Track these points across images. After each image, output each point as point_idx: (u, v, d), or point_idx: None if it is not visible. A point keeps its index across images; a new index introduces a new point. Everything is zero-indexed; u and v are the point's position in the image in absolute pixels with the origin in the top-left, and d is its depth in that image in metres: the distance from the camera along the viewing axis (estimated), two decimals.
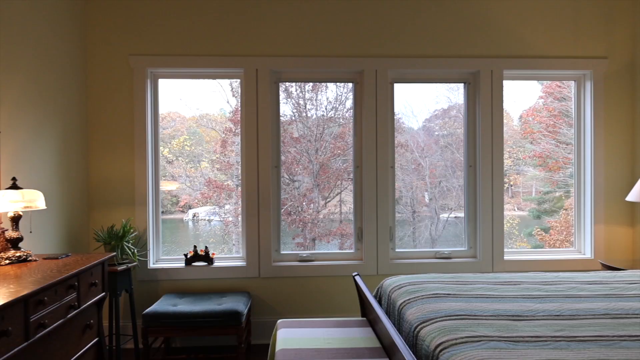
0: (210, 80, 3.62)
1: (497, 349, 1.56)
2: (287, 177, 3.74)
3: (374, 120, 3.51)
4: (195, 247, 3.45)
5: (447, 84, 3.73)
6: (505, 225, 3.66)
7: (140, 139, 3.38)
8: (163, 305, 3.00)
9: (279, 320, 2.56)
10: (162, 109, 3.59)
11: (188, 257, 3.42)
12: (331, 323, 2.54)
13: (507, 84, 3.71)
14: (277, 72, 3.52)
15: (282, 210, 3.66)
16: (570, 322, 1.82)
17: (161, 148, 3.59)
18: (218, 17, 3.40)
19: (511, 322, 1.83)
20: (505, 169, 3.66)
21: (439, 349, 1.66)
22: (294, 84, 3.69)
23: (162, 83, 3.53)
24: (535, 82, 3.91)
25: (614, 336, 1.65)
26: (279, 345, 2.22)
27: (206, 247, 3.45)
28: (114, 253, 2.68)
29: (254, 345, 3.43)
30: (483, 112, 3.57)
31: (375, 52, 3.50)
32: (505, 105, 3.64)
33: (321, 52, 3.47)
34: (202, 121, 3.81)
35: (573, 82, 3.77)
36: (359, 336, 2.35)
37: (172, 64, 3.39)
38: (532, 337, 1.67)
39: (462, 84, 3.70)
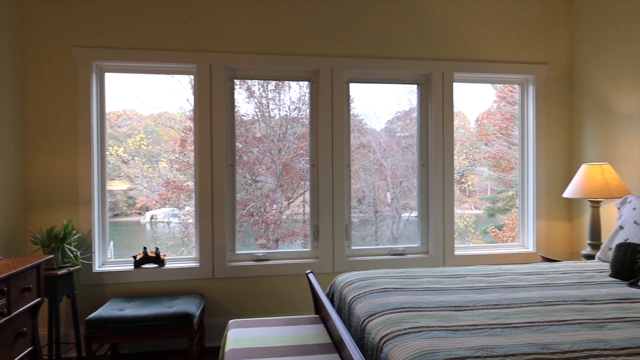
0: (169, 78, 3.54)
1: (437, 338, 1.61)
2: (250, 177, 3.71)
3: (329, 119, 3.55)
4: (145, 248, 3.36)
5: (406, 85, 3.81)
6: (462, 224, 3.79)
7: (84, 136, 3.23)
8: (109, 310, 2.90)
9: (230, 321, 2.53)
10: (117, 107, 3.47)
11: (137, 259, 3.32)
12: (284, 321, 2.54)
13: (464, 88, 3.86)
14: (232, 69, 3.49)
15: (244, 211, 3.63)
16: (507, 310, 1.91)
17: (116, 147, 3.47)
18: (170, 10, 3.33)
19: (453, 312, 1.90)
20: (462, 169, 3.79)
21: (383, 341, 1.70)
22: (256, 83, 3.66)
23: (116, 79, 3.40)
24: (490, 86, 4.08)
25: (544, 322, 1.75)
26: (229, 346, 2.21)
27: (157, 249, 3.37)
28: (51, 256, 2.56)
29: (208, 347, 3.38)
30: (435, 113, 3.69)
31: (332, 51, 3.54)
32: (462, 108, 3.77)
33: (277, 50, 3.47)
34: (161, 120, 3.72)
35: (518, 85, 3.96)
36: (310, 333, 2.36)
37: (119, 57, 3.27)
38: (470, 325, 1.74)
39: (416, 85, 3.80)
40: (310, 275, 2.68)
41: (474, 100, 4.05)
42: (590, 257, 3.16)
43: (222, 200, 3.41)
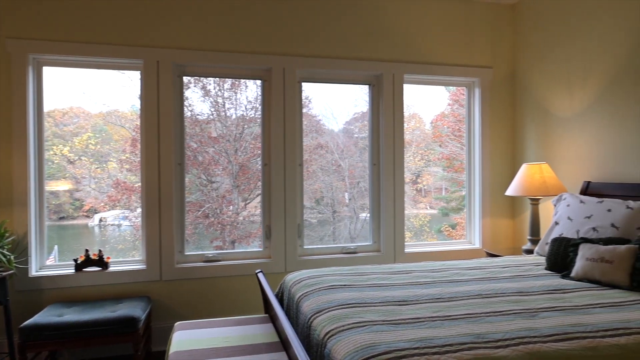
0: (120, 74, 3.40)
1: (379, 331, 1.64)
2: (205, 178, 3.63)
3: (282, 117, 3.53)
4: (87, 251, 3.21)
5: (362, 85, 3.85)
6: (417, 223, 3.88)
7: (19, 133, 3.04)
8: (46, 316, 2.75)
9: (176, 323, 2.47)
10: (63, 104, 3.29)
11: (78, 262, 3.17)
12: (232, 322, 2.51)
13: (420, 90, 3.95)
14: (180, 66, 3.40)
15: (199, 212, 3.55)
16: (448, 303, 1.97)
17: (61, 146, 3.30)
18: (115, 2, 3.21)
19: (397, 307, 1.94)
20: (418, 170, 3.87)
21: (327, 337, 1.70)
22: (211, 82, 3.59)
23: (60, 74, 3.23)
24: (444, 89, 4.19)
25: (481, 313, 1.81)
26: (173, 348, 2.15)
27: (100, 251, 3.23)
28: None
29: (156, 352, 3.27)
30: (386, 113, 3.75)
31: (284, 50, 3.53)
32: (418, 110, 3.86)
33: (228, 47, 3.42)
34: (110, 118, 3.56)
35: (465, 88, 4.10)
36: (259, 332, 2.34)
37: (59, 50, 3.10)
38: (412, 319, 1.77)
39: (368, 86, 3.85)
40: (260, 275, 2.66)
41: (429, 102, 4.17)
42: (530, 251, 3.31)
43: (170, 200, 3.31)
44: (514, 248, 3.81)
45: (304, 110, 3.81)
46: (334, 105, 3.88)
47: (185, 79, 3.50)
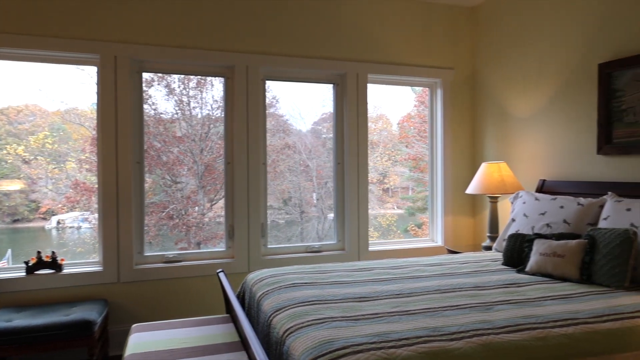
0: (79, 71, 3.26)
1: (338, 327, 1.64)
2: (169, 178, 3.54)
3: (245, 115, 3.49)
4: (39, 253, 3.07)
5: (330, 85, 3.85)
6: (384, 223, 3.91)
7: None
8: None
9: (133, 326, 2.39)
10: (18, 101, 3.14)
11: (30, 264, 3.02)
12: (191, 322, 2.45)
13: (388, 92, 3.99)
14: (139, 61, 3.30)
15: (164, 214, 3.46)
16: (407, 299, 1.99)
17: (15, 145, 3.14)
18: None
19: (357, 303, 1.94)
20: (385, 170, 3.91)
21: (286, 334, 1.69)
22: (176, 80, 3.51)
23: (14, 69, 3.06)
24: (410, 90, 4.26)
25: (438, 307, 1.84)
26: (128, 351, 2.08)
27: (53, 253, 3.09)
28: None
29: (113, 356, 3.16)
30: (350, 112, 3.77)
31: (247, 48, 3.49)
32: (385, 111, 3.90)
33: (189, 43, 3.35)
34: (69, 116, 3.42)
35: (428, 89, 4.18)
36: (219, 332, 2.30)
37: (10, 43, 2.94)
38: (371, 314, 1.78)
39: (332, 85, 3.86)
40: (221, 275, 2.61)
41: (396, 104, 4.23)
42: (489, 248, 3.40)
43: (129, 199, 3.21)
44: (475, 245, 3.91)
45: (272, 110, 3.79)
46: (302, 106, 3.88)
47: (149, 76, 3.41)
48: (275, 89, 3.77)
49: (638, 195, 2.57)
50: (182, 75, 3.53)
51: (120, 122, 3.19)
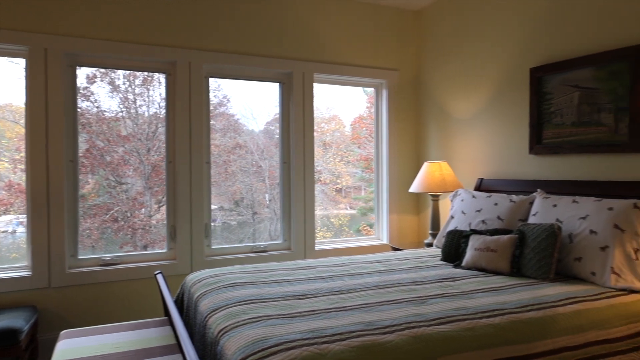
0: (14, 65, 3.03)
1: (273, 325, 1.62)
2: (113, 179, 3.37)
3: (187, 112, 3.40)
4: None
5: (269, 82, 3.81)
6: (337, 223, 3.92)
7: None
8: None
9: (62, 332, 2.27)
10: None
11: None
12: (126, 327, 2.35)
13: (340, 93, 4.02)
14: (72, 55, 3.13)
15: (107, 216, 3.29)
16: (346, 295, 2.00)
17: None
18: None
19: (295, 301, 1.93)
20: (338, 171, 3.92)
21: (220, 334, 1.66)
22: (121, 76, 3.35)
23: None
24: (362, 92, 4.30)
25: (375, 303, 1.87)
26: (55, 358, 1.96)
27: None
28: None
29: None
30: (296, 111, 3.76)
31: (190, 43, 3.40)
32: (338, 112, 3.91)
33: (129, 37, 3.21)
34: (2, 113, 3.17)
35: (374, 89, 4.25)
36: (155, 336, 2.22)
37: None
38: (309, 311, 1.78)
39: (278, 84, 3.84)
40: (159, 276, 2.52)
41: (348, 105, 4.26)
42: (430, 245, 3.50)
43: (61, 199, 3.04)
44: (418, 242, 4.02)
45: (222, 110, 3.72)
46: (254, 105, 3.83)
47: (90, 72, 3.25)
48: (226, 88, 3.70)
49: (564, 192, 2.73)
50: (128, 72, 3.38)
51: (51, 118, 3.01)
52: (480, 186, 3.44)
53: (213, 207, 3.72)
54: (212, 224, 3.78)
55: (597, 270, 2.16)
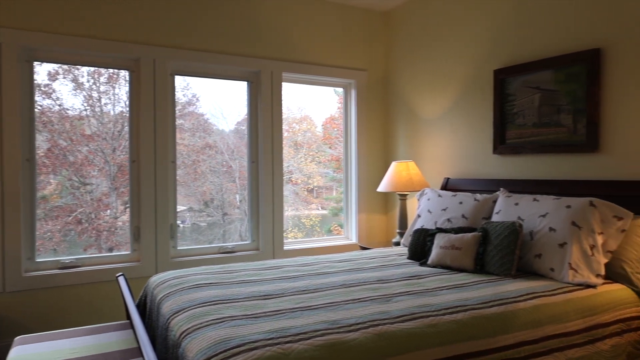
0: None
1: (236, 326, 1.59)
2: (77, 180, 3.24)
3: (152, 111, 3.31)
4: None
5: (232, 81, 3.77)
6: (308, 223, 3.90)
7: None
8: None
9: (16, 338, 2.16)
10: None
11: None
12: (85, 331, 2.27)
13: (311, 93, 4.01)
14: (30, 49, 3.00)
15: (70, 218, 3.16)
16: (312, 294, 1.99)
17: None
18: None
19: (261, 301, 1.91)
20: (310, 171, 3.90)
21: (182, 336, 1.62)
22: (85, 73, 3.23)
23: None
24: (333, 92, 4.29)
25: (341, 301, 1.86)
26: None
27: None
28: None
29: None
30: (264, 110, 3.73)
31: (155, 40, 3.31)
32: (309, 113, 3.89)
33: (90, 32, 3.10)
34: None
35: (342, 89, 4.26)
36: (115, 340, 2.14)
37: None
38: (274, 311, 1.76)
39: (246, 83, 3.80)
40: (120, 279, 2.45)
41: (320, 105, 4.25)
42: (398, 243, 3.53)
43: (17, 200, 2.91)
44: (387, 241, 4.05)
45: (191, 109, 3.65)
46: (225, 105, 3.77)
47: (52, 68, 3.13)
48: (195, 87, 3.64)
49: (526, 191, 2.81)
50: (92, 69, 3.27)
51: (5, 115, 2.87)
52: (447, 185, 3.50)
53: (182, 208, 3.64)
54: (181, 225, 3.70)
55: (556, 266, 2.23)
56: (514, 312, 1.80)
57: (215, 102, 3.74)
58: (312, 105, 4.23)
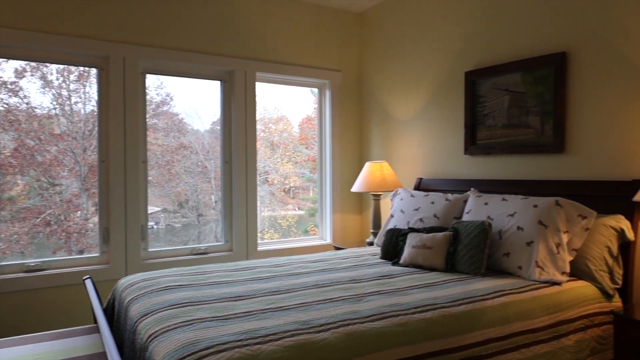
0: None
1: (205, 328, 1.57)
2: (46, 180, 3.14)
3: (122, 110, 3.24)
4: None
5: (205, 80, 3.72)
6: (285, 224, 3.87)
7: None
8: None
9: None
10: None
11: None
12: (50, 336, 2.20)
13: (288, 93, 3.98)
14: None
15: (39, 220, 3.06)
16: (284, 295, 1.98)
17: None
18: None
19: (231, 302, 1.89)
20: (287, 172, 3.87)
21: (149, 339, 1.58)
22: (54, 71, 3.12)
23: None
24: (310, 93, 4.28)
25: (313, 302, 1.86)
26: None
27: None
28: None
29: None
30: (238, 110, 3.69)
31: (125, 37, 3.24)
32: (286, 113, 3.87)
33: (56, 28, 3.01)
34: None
35: (317, 89, 4.26)
36: (81, 344, 2.08)
37: None
38: (244, 313, 1.74)
39: (219, 82, 3.75)
40: (87, 282, 2.38)
41: (296, 106, 4.24)
42: (372, 243, 3.55)
43: None
44: (361, 241, 4.07)
45: (165, 108, 3.58)
46: (199, 105, 3.71)
47: (19, 65, 3.02)
48: (169, 86, 3.57)
49: (495, 191, 2.86)
50: (62, 67, 3.18)
51: None
52: (420, 185, 3.54)
53: (156, 209, 3.58)
54: (155, 226, 3.63)
55: (524, 264, 2.28)
56: (482, 310, 1.83)
57: (190, 102, 3.69)
58: (289, 106, 4.22)
